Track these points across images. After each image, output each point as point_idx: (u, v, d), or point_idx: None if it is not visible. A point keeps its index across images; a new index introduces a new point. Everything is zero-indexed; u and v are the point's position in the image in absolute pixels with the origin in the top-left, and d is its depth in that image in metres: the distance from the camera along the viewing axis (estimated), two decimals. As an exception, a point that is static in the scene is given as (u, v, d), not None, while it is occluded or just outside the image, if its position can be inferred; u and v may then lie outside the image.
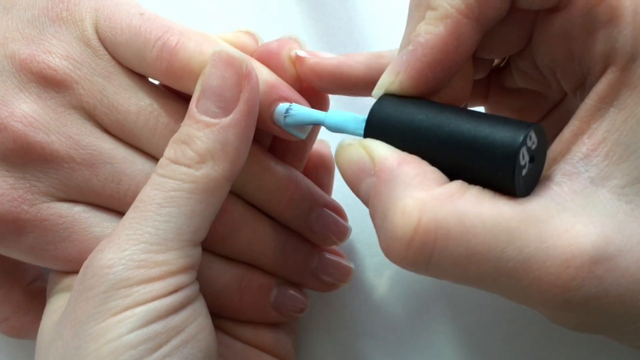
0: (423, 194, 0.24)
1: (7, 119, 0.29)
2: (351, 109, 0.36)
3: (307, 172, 0.34)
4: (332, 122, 0.29)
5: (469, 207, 0.23)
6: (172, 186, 0.27)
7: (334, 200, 0.34)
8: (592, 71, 0.25)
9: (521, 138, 0.23)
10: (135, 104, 0.30)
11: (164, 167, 0.28)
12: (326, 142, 0.36)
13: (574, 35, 0.25)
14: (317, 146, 0.35)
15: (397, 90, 0.26)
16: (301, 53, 0.31)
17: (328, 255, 0.34)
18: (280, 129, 0.30)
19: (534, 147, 0.24)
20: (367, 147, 0.26)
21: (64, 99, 0.30)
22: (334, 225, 0.34)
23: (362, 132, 0.27)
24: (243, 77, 0.28)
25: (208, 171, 0.28)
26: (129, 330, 0.25)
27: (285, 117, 0.30)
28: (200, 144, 0.28)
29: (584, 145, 0.24)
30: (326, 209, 0.34)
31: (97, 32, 0.30)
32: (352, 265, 0.35)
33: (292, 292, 0.33)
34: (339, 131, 0.29)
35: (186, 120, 0.28)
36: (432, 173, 0.25)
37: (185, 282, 0.27)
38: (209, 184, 0.28)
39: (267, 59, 0.31)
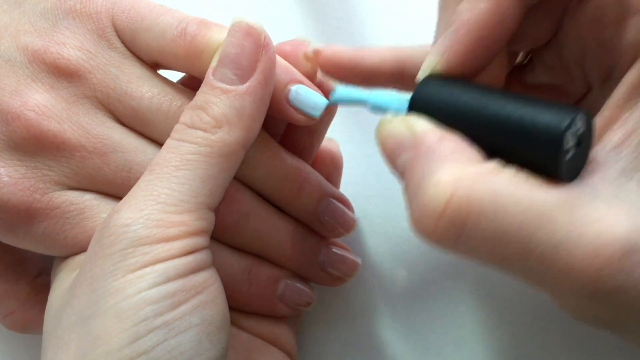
0: (458, 169, 0.24)
1: (21, 108, 0.29)
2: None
3: (316, 169, 0.35)
4: (376, 101, 0.29)
5: (503, 186, 0.23)
6: (188, 149, 0.28)
7: (341, 193, 0.35)
8: (621, 60, 0.25)
9: (567, 122, 0.23)
10: (148, 90, 0.31)
11: (180, 132, 0.29)
12: (335, 140, 0.37)
13: (605, 23, 0.25)
14: (326, 144, 0.36)
15: (442, 70, 0.27)
16: (319, 46, 0.32)
17: (335, 249, 0.35)
18: (294, 109, 0.31)
19: (580, 131, 0.24)
20: (408, 122, 0.26)
21: (77, 89, 0.30)
22: (341, 216, 0.34)
23: (404, 111, 0.27)
24: (261, 47, 0.29)
25: (223, 136, 0.28)
26: (149, 286, 0.26)
27: (329, 96, 0.31)
28: (216, 109, 0.28)
29: (615, 135, 0.24)
30: (333, 200, 0.34)
31: (113, 25, 0.31)
32: (359, 260, 0.36)
33: (299, 285, 0.34)
34: (381, 111, 0.29)
35: (202, 88, 0.29)
36: (470, 151, 0.25)
37: (201, 244, 0.28)
38: (224, 149, 0.28)
39: (283, 58, 0.32)
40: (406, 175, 0.25)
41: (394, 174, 0.27)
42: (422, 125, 0.26)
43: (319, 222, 0.34)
